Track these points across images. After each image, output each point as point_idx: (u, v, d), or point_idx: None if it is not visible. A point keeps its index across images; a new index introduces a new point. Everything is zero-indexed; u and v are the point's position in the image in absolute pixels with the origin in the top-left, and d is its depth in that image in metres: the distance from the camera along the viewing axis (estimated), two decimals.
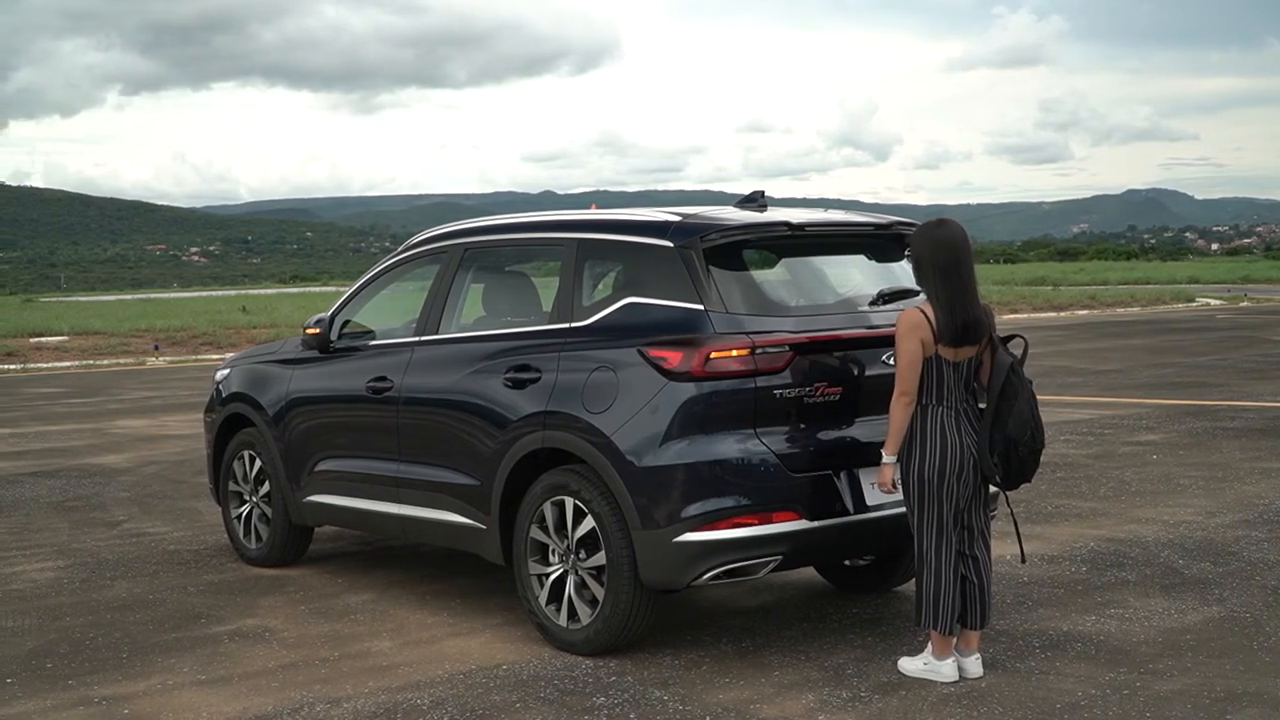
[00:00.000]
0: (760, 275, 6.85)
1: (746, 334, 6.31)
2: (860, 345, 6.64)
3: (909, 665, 6.29)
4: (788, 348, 6.35)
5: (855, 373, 6.59)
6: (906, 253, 6.24)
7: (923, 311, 6.06)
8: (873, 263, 7.22)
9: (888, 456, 6.15)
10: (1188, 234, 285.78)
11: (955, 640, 6.22)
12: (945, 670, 6.16)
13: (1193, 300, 48.93)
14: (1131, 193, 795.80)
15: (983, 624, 6.26)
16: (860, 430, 6.60)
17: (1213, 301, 48.28)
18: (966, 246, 6.14)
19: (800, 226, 6.81)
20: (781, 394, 6.34)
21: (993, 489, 6.38)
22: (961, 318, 6.02)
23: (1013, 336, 6.29)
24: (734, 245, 6.68)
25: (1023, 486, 6.48)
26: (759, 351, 6.29)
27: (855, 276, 7.22)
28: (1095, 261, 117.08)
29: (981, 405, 6.20)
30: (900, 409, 6.08)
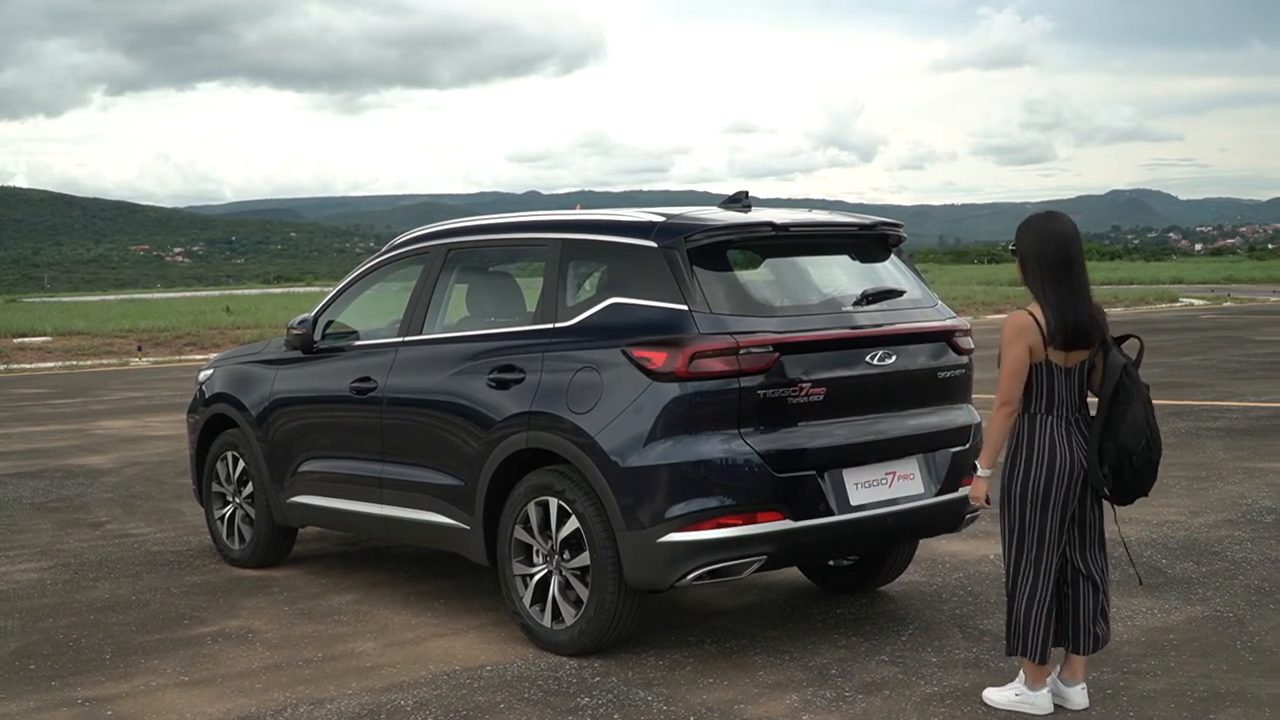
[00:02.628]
0: (744, 276, 6.85)
1: (730, 334, 6.30)
2: (845, 345, 6.64)
3: (997, 696, 5.79)
4: (772, 348, 6.35)
5: (840, 373, 6.59)
6: (1011, 248, 5.74)
7: (1030, 313, 5.56)
8: (857, 263, 7.23)
9: (983, 470, 5.72)
10: (1171, 234, 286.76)
11: (1058, 668, 5.81)
12: (1039, 701, 5.67)
13: (1176, 300, 49.06)
14: (1115, 193, 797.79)
15: (1094, 648, 5.78)
16: (845, 430, 6.59)
17: (1196, 302, 48.41)
18: (1077, 241, 5.61)
19: (784, 227, 6.81)
20: (765, 394, 6.34)
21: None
22: (1073, 319, 5.50)
23: (1127, 337, 5.76)
24: (718, 245, 6.67)
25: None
26: (743, 352, 6.28)
27: (840, 277, 7.22)
28: None
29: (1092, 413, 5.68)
30: (1000, 420, 5.59)
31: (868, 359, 6.66)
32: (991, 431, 5.66)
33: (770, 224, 6.78)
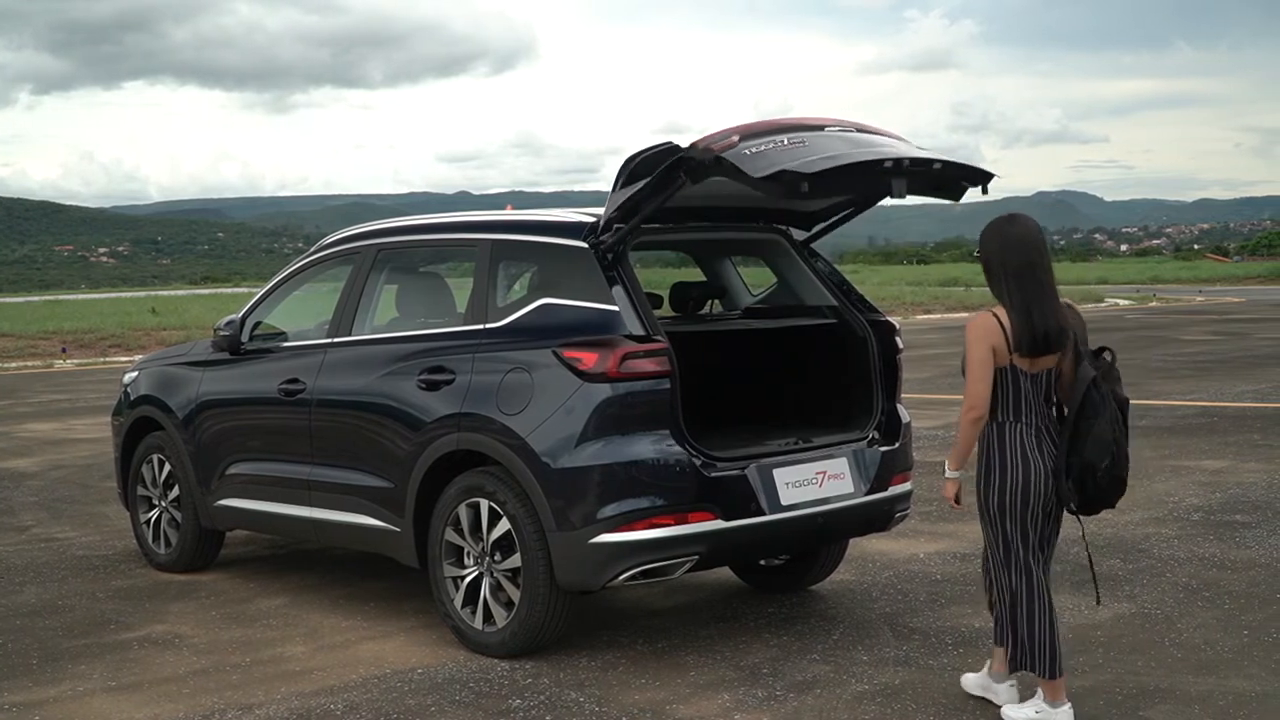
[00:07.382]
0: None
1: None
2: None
3: (1016, 714, 5.61)
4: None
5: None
6: (975, 254, 5.58)
7: (995, 315, 5.43)
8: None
9: (951, 471, 5.67)
10: (1097, 235, 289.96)
11: (989, 663, 5.81)
12: (1060, 717, 5.52)
13: (1102, 300, 49.56)
14: (1041, 195, 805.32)
15: None
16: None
17: (1121, 302, 48.95)
18: (1042, 244, 5.48)
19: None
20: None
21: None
22: (1041, 326, 5.36)
23: (1103, 349, 5.59)
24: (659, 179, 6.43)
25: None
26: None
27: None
28: None
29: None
30: (968, 425, 5.48)
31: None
32: (960, 438, 5.55)
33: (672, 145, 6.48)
